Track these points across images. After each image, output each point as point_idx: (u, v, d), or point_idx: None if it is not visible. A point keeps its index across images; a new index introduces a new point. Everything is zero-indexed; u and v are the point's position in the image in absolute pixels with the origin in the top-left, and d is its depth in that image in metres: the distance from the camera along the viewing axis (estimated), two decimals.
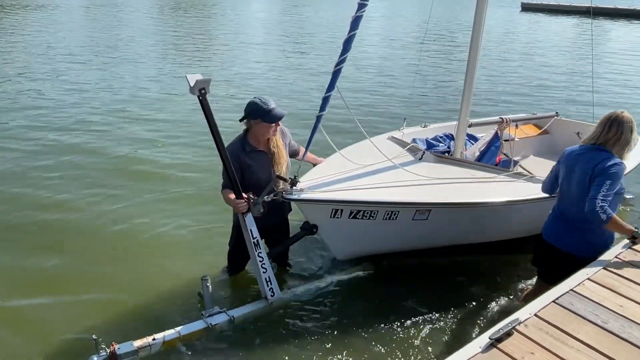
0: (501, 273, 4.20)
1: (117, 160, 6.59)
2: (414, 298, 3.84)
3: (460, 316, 3.65)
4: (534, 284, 3.78)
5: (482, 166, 4.40)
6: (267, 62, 14.40)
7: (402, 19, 31.25)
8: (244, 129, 3.58)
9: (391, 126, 5.75)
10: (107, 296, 3.87)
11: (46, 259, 4.31)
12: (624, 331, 2.53)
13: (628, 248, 3.30)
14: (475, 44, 4.40)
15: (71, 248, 4.51)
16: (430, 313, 3.66)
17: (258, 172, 3.51)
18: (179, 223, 4.95)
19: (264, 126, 3.46)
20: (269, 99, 3.46)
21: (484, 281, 4.07)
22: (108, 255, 4.40)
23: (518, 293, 3.95)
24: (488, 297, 3.85)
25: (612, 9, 39.23)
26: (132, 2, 38.90)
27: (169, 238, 4.70)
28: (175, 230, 4.84)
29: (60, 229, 4.85)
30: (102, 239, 4.68)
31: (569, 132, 6.14)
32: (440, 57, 16.35)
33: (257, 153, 3.54)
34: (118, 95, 10.07)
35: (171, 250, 4.50)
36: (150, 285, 3.97)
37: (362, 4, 3.36)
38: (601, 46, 20.20)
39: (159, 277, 4.08)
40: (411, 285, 4.01)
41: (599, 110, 8.05)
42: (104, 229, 4.86)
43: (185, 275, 4.04)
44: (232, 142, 3.55)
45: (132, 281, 4.05)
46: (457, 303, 3.76)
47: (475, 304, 3.78)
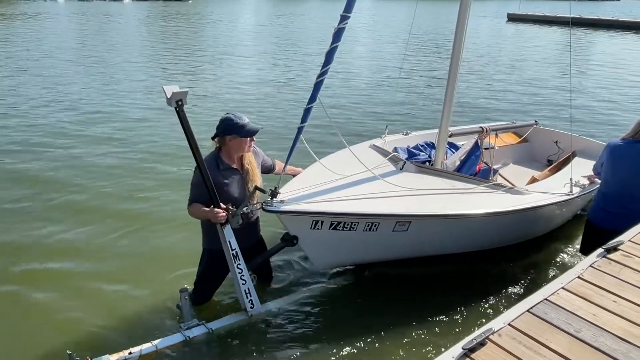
0: (478, 283, 4.22)
1: (92, 175, 6.52)
2: (393, 308, 3.85)
3: (437, 326, 3.65)
4: (509, 292, 3.82)
5: (462, 177, 4.43)
6: (249, 74, 14.42)
7: (385, 29, 31.53)
8: (217, 147, 3.55)
9: (373, 133, 5.77)
10: (83, 309, 3.82)
11: (19, 276, 4.25)
12: (597, 340, 2.55)
13: (602, 257, 3.34)
14: (456, 54, 4.44)
15: (46, 261, 4.46)
16: (408, 323, 3.66)
17: (231, 190, 3.48)
18: (157, 236, 4.92)
19: (240, 141, 3.45)
20: (242, 115, 3.47)
21: (462, 291, 4.08)
22: (84, 268, 4.35)
23: (494, 302, 3.97)
24: (466, 307, 3.86)
25: (595, 19, 39.95)
26: (118, 13, 38.87)
27: (147, 250, 4.66)
28: (153, 242, 4.80)
29: (33, 243, 4.79)
30: (76, 250, 4.63)
31: (548, 141, 6.28)
32: (423, 65, 16.52)
33: (231, 170, 3.51)
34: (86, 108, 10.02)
35: (149, 262, 4.46)
36: (127, 297, 3.93)
37: (344, 17, 3.39)
38: (583, 56, 20.53)
39: (137, 289, 4.04)
40: (391, 296, 4.03)
41: (576, 114, 8.14)
42: (77, 241, 4.80)
43: (164, 287, 4.01)
44: (206, 160, 3.46)
45: (108, 293, 4.01)
46: (435, 313, 3.77)
47: (453, 314, 3.79)
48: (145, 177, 6.39)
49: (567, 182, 4.52)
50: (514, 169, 6.11)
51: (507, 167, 6.10)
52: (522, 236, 4.65)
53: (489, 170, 5.07)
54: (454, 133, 5.18)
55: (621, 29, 36.27)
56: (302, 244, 3.56)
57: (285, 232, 3.52)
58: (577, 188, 4.53)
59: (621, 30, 35.47)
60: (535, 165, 6.21)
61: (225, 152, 3.52)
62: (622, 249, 3.46)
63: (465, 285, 4.16)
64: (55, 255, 4.56)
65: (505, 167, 6.02)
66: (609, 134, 8.67)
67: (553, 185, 4.59)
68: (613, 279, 3.10)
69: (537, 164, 6.28)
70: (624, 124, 9.77)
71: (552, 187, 4.51)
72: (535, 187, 4.61)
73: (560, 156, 5.95)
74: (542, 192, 4.36)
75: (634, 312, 2.79)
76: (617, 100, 12.11)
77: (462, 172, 4.82)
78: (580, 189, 4.56)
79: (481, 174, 5.00)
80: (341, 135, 4.01)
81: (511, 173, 5.74)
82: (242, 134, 3.42)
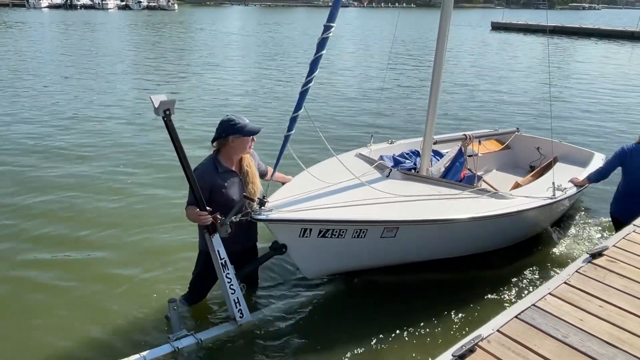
0: (467, 289, 4.24)
1: (76, 185, 6.44)
2: (383, 316, 3.85)
3: (427, 333, 3.66)
4: (498, 298, 3.85)
5: (447, 183, 4.49)
6: (236, 84, 14.42)
7: (370, 38, 31.81)
8: (215, 150, 3.55)
9: (360, 143, 5.81)
10: (71, 320, 3.76)
11: (4, 286, 4.18)
12: (584, 345, 2.58)
13: (588, 262, 3.39)
14: (438, 63, 4.47)
15: (34, 272, 4.39)
16: (398, 330, 3.66)
17: (230, 193, 3.48)
18: (145, 244, 4.87)
19: (242, 141, 3.46)
20: (242, 116, 3.50)
21: (451, 298, 4.09)
22: (72, 278, 4.29)
23: (483, 309, 3.98)
24: (455, 313, 3.88)
25: (576, 27, 40.72)
26: (103, 21, 38.70)
27: (134, 260, 4.60)
28: (141, 252, 4.75)
29: (17, 256, 4.72)
30: (63, 261, 4.57)
31: (530, 147, 6.39)
32: (407, 74, 16.68)
33: (230, 173, 3.51)
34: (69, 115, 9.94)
35: (137, 272, 4.41)
36: (115, 307, 3.88)
37: (327, 26, 3.42)
38: (564, 64, 20.90)
39: (124, 299, 3.99)
40: (380, 303, 4.03)
41: (558, 122, 8.25)
42: (65, 252, 4.74)
43: (152, 297, 3.97)
44: (203, 163, 3.51)
45: (96, 304, 3.96)
46: (425, 320, 3.78)
47: (442, 321, 3.80)
48: (134, 182, 6.36)
49: (549, 186, 4.61)
50: (497, 175, 6.19)
51: (490, 173, 6.17)
52: (509, 240, 4.72)
53: (473, 177, 5.14)
54: (438, 141, 5.24)
55: (601, 37, 37.01)
56: (291, 252, 3.55)
57: (274, 241, 3.52)
58: (559, 192, 4.62)
59: (601, 39, 36.19)
60: (518, 172, 6.30)
61: (225, 154, 3.51)
62: (606, 254, 3.52)
63: (454, 292, 4.18)
64: (40, 264, 4.50)
65: (489, 174, 6.09)
66: (587, 139, 8.84)
67: (536, 190, 4.68)
68: (599, 284, 3.15)
69: (520, 170, 6.38)
70: (603, 131, 9.96)
71: (536, 192, 4.59)
72: (519, 192, 4.69)
73: (542, 162, 6.05)
74: (526, 197, 4.45)
75: (619, 317, 2.83)
76: (595, 108, 12.31)
77: (447, 178, 4.86)
78: (562, 192, 4.65)
79: (466, 180, 5.06)
80: (328, 142, 4.02)
81: (495, 179, 5.81)
82: (244, 132, 3.43)
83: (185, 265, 4.21)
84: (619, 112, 11.86)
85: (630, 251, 3.59)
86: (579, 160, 5.83)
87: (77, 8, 63.30)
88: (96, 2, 65.98)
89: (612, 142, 8.84)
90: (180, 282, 4.04)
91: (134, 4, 68.43)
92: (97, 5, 65.06)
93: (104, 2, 65.57)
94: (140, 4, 68.68)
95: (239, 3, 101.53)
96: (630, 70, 19.53)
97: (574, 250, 4.88)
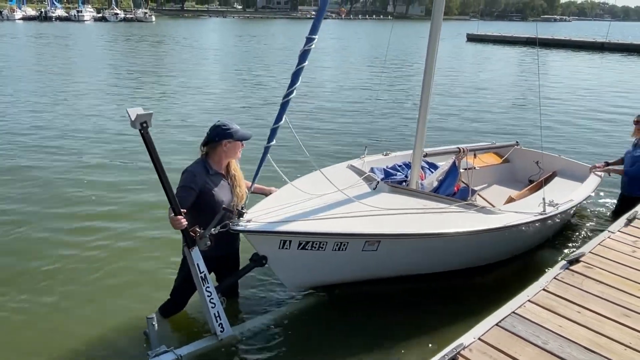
0: (448, 298, 4.25)
1: (58, 195, 6.34)
2: (365, 326, 3.83)
3: (409, 343, 3.64)
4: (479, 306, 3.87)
5: (435, 197, 4.40)
6: (216, 95, 14.42)
7: (354, 50, 32.12)
8: (204, 154, 3.60)
9: (354, 155, 5.65)
10: (45, 338, 3.65)
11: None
12: (563, 351, 2.61)
13: (566, 269, 3.44)
14: (428, 74, 4.44)
15: (7, 286, 4.27)
16: (380, 340, 3.65)
17: (220, 195, 3.51)
18: (123, 260, 4.78)
19: (234, 145, 3.56)
20: (232, 122, 3.61)
21: (433, 307, 4.10)
22: (47, 294, 4.18)
23: (464, 317, 3.98)
24: (437, 323, 3.86)
25: (549, 39, 41.81)
26: (79, 33, 38.31)
27: (113, 275, 4.52)
28: (119, 267, 4.66)
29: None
30: (39, 277, 4.45)
31: (529, 161, 6.31)
32: (401, 84, 16.84)
33: (219, 176, 3.58)
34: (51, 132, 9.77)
35: (115, 287, 4.32)
36: (93, 325, 3.78)
37: (309, 38, 3.42)
38: (542, 74, 21.38)
39: (102, 316, 3.90)
40: (362, 314, 4.01)
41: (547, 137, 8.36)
42: (41, 266, 4.62)
43: (130, 313, 3.88)
44: (194, 166, 3.55)
45: (72, 321, 3.86)
46: (407, 330, 3.77)
47: (425, 330, 3.79)
48: (118, 198, 6.26)
49: (542, 202, 4.45)
50: (495, 190, 6.09)
51: (489, 187, 6.09)
52: (494, 256, 4.59)
53: (467, 191, 4.98)
54: (429, 153, 5.17)
55: (572, 48, 38.02)
56: (271, 265, 3.51)
57: (254, 253, 3.48)
58: (550, 208, 4.45)
59: (573, 49, 37.19)
60: (517, 186, 6.18)
61: (216, 158, 3.57)
62: (583, 260, 3.58)
63: (435, 302, 4.18)
64: (20, 276, 4.39)
65: (488, 188, 6.01)
66: (575, 149, 9.04)
67: (528, 205, 4.54)
68: (576, 290, 3.20)
69: (519, 184, 6.26)
70: (593, 140, 10.19)
71: (527, 207, 4.45)
72: (510, 207, 4.57)
73: (541, 176, 5.87)
74: (515, 212, 4.32)
75: (597, 322, 2.88)
76: (580, 117, 12.61)
77: (439, 192, 4.81)
78: (553, 208, 4.48)
79: (459, 194, 4.96)
80: (318, 156, 4.01)
81: (491, 193, 5.72)
82: (237, 137, 3.54)
83: (163, 278, 4.16)
84: (605, 121, 12.17)
85: (605, 257, 3.67)
86: (577, 175, 5.76)
87: (52, 20, 62.48)
88: (72, 14, 65.17)
89: (596, 150, 9.07)
90: (158, 297, 3.95)
91: (110, 16, 67.84)
92: (73, 17, 64.25)
93: (80, 14, 64.81)
94: (117, 16, 68.12)
95: (217, 15, 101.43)
96: (606, 80, 20.09)
97: (552, 257, 4.93)
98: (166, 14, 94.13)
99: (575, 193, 5.07)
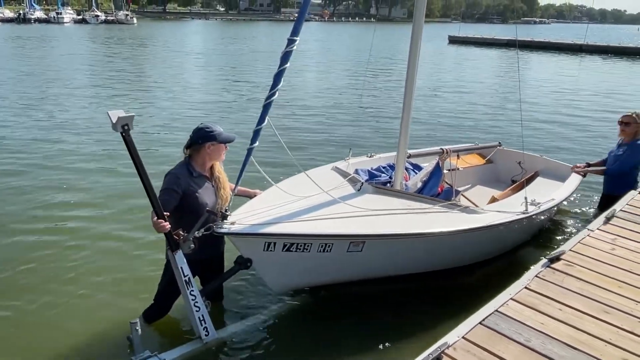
0: (432, 298, 4.28)
1: (41, 197, 6.25)
2: (350, 327, 3.84)
3: (394, 342, 3.66)
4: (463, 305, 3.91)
5: (419, 197, 4.43)
6: (198, 96, 14.35)
7: (339, 51, 32.22)
8: (187, 156, 3.60)
9: (340, 157, 5.65)
10: (25, 344, 3.59)
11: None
12: (545, 348, 2.65)
13: (547, 267, 3.49)
14: (410, 77, 4.47)
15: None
16: (365, 341, 3.66)
17: (204, 197, 3.49)
18: (105, 264, 4.72)
19: (218, 148, 3.56)
20: (215, 124, 3.61)
21: (417, 307, 4.13)
22: (26, 299, 4.11)
23: (448, 316, 4.02)
24: (421, 322, 3.89)
25: (529, 41, 42.47)
26: (58, 36, 37.79)
27: (94, 280, 4.46)
28: (101, 271, 4.59)
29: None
30: (18, 280, 4.38)
31: (512, 161, 6.39)
32: (385, 86, 16.91)
33: (203, 178, 3.57)
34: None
35: (97, 292, 4.27)
36: (75, 331, 3.73)
37: (291, 40, 3.42)
38: (522, 75, 21.69)
39: (84, 321, 3.85)
40: (347, 315, 4.02)
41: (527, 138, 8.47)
42: (19, 270, 4.54)
43: (113, 318, 3.84)
44: (177, 168, 3.53)
45: (53, 327, 3.80)
46: (391, 329, 3.79)
47: (409, 330, 3.80)
48: (100, 200, 6.18)
49: (524, 201, 4.52)
50: (478, 190, 6.15)
51: (473, 188, 6.15)
52: (478, 255, 4.64)
53: (451, 191, 5.02)
54: (412, 154, 5.21)
55: (552, 50, 38.67)
56: (256, 267, 3.51)
57: (239, 255, 3.46)
58: (532, 207, 4.52)
59: (552, 51, 37.82)
60: (500, 186, 6.26)
61: (199, 160, 3.56)
62: (564, 258, 3.63)
63: (420, 301, 4.21)
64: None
65: (471, 189, 6.06)
66: (556, 148, 9.17)
67: (511, 204, 4.61)
68: (557, 288, 3.25)
69: (502, 184, 6.35)
70: (573, 139, 10.36)
71: (510, 207, 4.52)
72: (493, 206, 4.62)
73: (524, 176, 5.97)
74: (497, 212, 4.38)
75: (578, 319, 2.92)
76: (560, 118, 12.81)
77: (423, 193, 4.83)
78: (535, 207, 4.55)
79: (443, 194, 4.99)
80: (303, 158, 4.01)
81: (475, 194, 5.77)
82: (220, 139, 3.54)
83: (147, 282, 4.11)
84: (582, 122, 12.37)
85: (585, 254, 3.73)
86: (559, 175, 5.87)
87: (31, 22, 61.43)
88: (51, 16, 64.12)
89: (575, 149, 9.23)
90: (141, 301, 3.91)
91: (91, 18, 66.86)
92: (53, 19, 63.20)
93: (60, 16, 63.72)
94: (98, 18, 67.20)
95: (199, 17, 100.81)
96: (587, 81, 20.46)
97: (535, 255, 5.00)
98: (148, 16, 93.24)
99: (557, 192, 5.15)
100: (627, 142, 5.54)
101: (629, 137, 5.54)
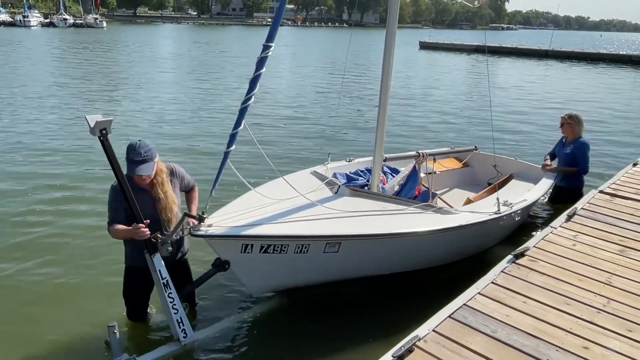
0: (404, 292, 4.42)
1: (16, 203, 6.16)
2: (325, 324, 3.94)
3: (369, 336, 3.77)
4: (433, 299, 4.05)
5: (394, 199, 4.54)
6: (172, 101, 14.27)
7: (318, 56, 32.36)
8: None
9: (319, 162, 5.71)
10: (1, 348, 3.56)
11: None
12: (510, 338, 2.81)
13: (512, 263, 3.66)
14: (385, 81, 4.57)
15: None
16: (340, 336, 3.77)
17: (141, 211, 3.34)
18: (81, 267, 4.70)
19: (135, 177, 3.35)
20: (142, 149, 3.29)
21: (390, 302, 4.26)
22: (4, 302, 4.08)
23: (419, 310, 4.13)
24: (394, 316, 4.01)
25: (498, 47, 43.52)
26: (25, 39, 36.89)
27: (71, 283, 4.45)
28: (78, 274, 4.58)
29: None
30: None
31: (487, 165, 6.58)
32: (361, 91, 17.08)
33: (139, 192, 3.38)
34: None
35: (74, 295, 4.26)
36: (52, 334, 3.72)
37: (266, 46, 3.50)
38: (491, 80, 22.23)
39: (61, 325, 3.84)
40: (322, 312, 4.11)
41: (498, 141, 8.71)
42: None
43: (91, 322, 3.84)
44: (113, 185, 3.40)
45: (30, 330, 3.78)
46: (366, 324, 3.91)
47: (383, 324, 3.93)
48: (70, 208, 6.11)
49: (496, 202, 4.66)
50: (455, 193, 6.31)
51: (450, 191, 6.30)
52: (454, 254, 4.77)
53: (428, 194, 5.13)
54: (389, 158, 5.32)
55: (519, 55, 39.75)
56: (234, 269, 3.56)
57: (217, 258, 3.51)
58: (505, 207, 4.65)
59: (519, 56, 38.87)
60: (477, 189, 6.40)
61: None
62: (528, 254, 3.82)
63: (392, 296, 4.33)
64: None
65: (448, 192, 6.22)
66: (527, 150, 9.47)
67: (484, 205, 4.75)
68: (522, 282, 3.42)
69: (478, 187, 6.49)
70: (543, 141, 10.70)
71: (483, 208, 4.66)
72: (466, 207, 4.77)
73: (499, 179, 6.12)
74: (471, 212, 4.52)
75: (540, 311, 3.10)
76: (529, 120, 13.24)
77: (400, 195, 4.95)
78: (508, 208, 4.69)
79: (420, 197, 5.10)
80: (282, 164, 4.06)
81: (451, 196, 5.93)
82: (128, 167, 3.31)
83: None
84: (553, 122, 12.76)
85: (548, 250, 3.93)
86: (532, 177, 6.12)
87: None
88: (17, 19, 62.50)
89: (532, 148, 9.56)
90: (118, 304, 3.93)
91: (59, 22, 65.33)
92: (19, 23, 61.56)
93: (26, 19, 62.18)
94: (66, 22, 65.68)
95: (171, 21, 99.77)
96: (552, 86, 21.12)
97: (502, 252, 5.17)
98: (118, 20, 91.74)
99: (529, 193, 5.35)
100: (571, 139, 6.11)
101: (570, 134, 6.14)
